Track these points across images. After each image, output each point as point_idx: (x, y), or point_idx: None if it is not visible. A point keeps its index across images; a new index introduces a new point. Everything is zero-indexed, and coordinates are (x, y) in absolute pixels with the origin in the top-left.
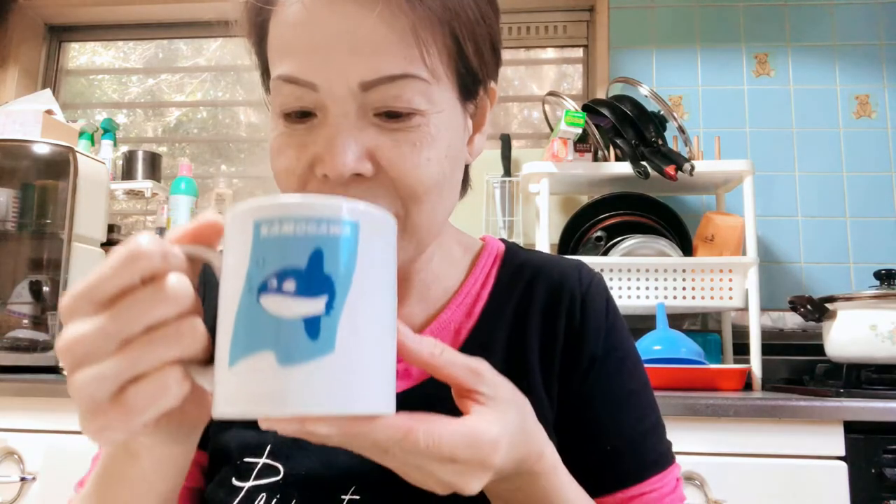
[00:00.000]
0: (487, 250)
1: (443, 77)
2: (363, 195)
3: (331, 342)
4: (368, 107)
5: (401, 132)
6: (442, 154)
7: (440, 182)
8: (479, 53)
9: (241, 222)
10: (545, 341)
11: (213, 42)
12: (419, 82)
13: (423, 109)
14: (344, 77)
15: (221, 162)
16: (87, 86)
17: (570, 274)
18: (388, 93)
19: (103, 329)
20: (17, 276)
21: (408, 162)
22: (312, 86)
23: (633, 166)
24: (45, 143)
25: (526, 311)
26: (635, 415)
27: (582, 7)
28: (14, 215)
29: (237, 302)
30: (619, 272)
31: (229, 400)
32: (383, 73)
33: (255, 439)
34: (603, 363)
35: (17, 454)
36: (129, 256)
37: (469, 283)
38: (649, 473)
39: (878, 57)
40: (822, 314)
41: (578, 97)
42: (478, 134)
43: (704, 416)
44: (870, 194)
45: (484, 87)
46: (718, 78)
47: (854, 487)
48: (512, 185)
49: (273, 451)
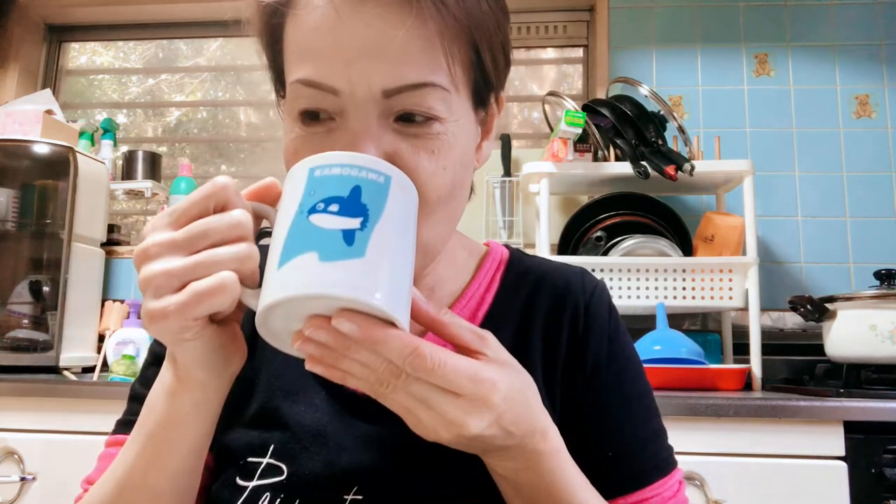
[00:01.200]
0: (492, 255)
1: (461, 86)
2: None
3: (362, 249)
4: (389, 112)
5: (419, 139)
6: (457, 162)
7: (453, 192)
8: (495, 62)
9: (299, 170)
10: (548, 349)
11: (213, 42)
12: (440, 91)
13: (442, 117)
14: (367, 83)
15: (221, 162)
16: (87, 86)
17: (573, 282)
18: (409, 99)
19: (176, 239)
20: (17, 276)
21: (425, 169)
22: (334, 90)
23: (633, 166)
24: (45, 143)
25: (529, 317)
26: (637, 420)
27: (582, 7)
28: (14, 215)
29: (290, 221)
30: (619, 272)
31: (275, 289)
32: (407, 82)
33: (258, 439)
34: (605, 371)
35: (17, 454)
36: (206, 190)
37: (473, 287)
38: (650, 479)
39: (878, 57)
40: (822, 314)
41: (578, 97)
42: (486, 141)
43: (704, 416)
44: (870, 194)
45: (496, 94)
46: (718, 78)
47: (854, 487)
48: (512, 185)
49: (277, 452)
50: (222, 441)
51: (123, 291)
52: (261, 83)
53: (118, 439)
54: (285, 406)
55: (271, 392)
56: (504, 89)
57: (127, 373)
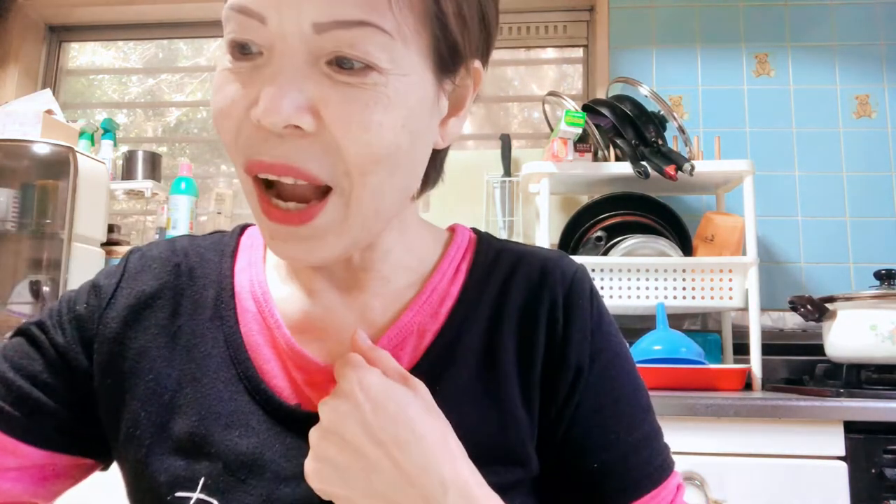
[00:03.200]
0: (456, 242)
1: (411, 37)
2: (298, 152)
3: None
4: (320, 54)
5: (353, 88)
6: (398, 122)
7: (393, 154)
8: (461, 19)
9: None
10: (523, 348)
11: (213, 42)
12: (380, 34)
13: (381, 67)
14: (296, 14)
15: (221, 162)
16: (87, 86)
17: (549, 269)
18: (342, 39)
19: None
20: (17, 276)
21: (355, 122)
22: (262, 18)
23: (633, 166)
24: (45, 143)
25: (501, 313)
26: (626, 424)
27: (582, 7)
28: (14, 215)
29: None
30: (619, 272)
31: None
32: (339, 17)
33: (186, 471)
34: (590, 370)
35: None
36: None
37: (435, 279)
38: (643, 491)
39: (878, 57)
40: (822, 314)
41: (578, 97)
42: (454, 118)
43: (704, 416)
44: (870, 194)
45: (466, 64)
46: (718, 78)
47: (854, 487)
48: (512, 185)
49: (207, 486)
50: (146, 465)
51: None
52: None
53: None
54: (216, 431)
55: (200, 414)
56: (484, 63)
57: None
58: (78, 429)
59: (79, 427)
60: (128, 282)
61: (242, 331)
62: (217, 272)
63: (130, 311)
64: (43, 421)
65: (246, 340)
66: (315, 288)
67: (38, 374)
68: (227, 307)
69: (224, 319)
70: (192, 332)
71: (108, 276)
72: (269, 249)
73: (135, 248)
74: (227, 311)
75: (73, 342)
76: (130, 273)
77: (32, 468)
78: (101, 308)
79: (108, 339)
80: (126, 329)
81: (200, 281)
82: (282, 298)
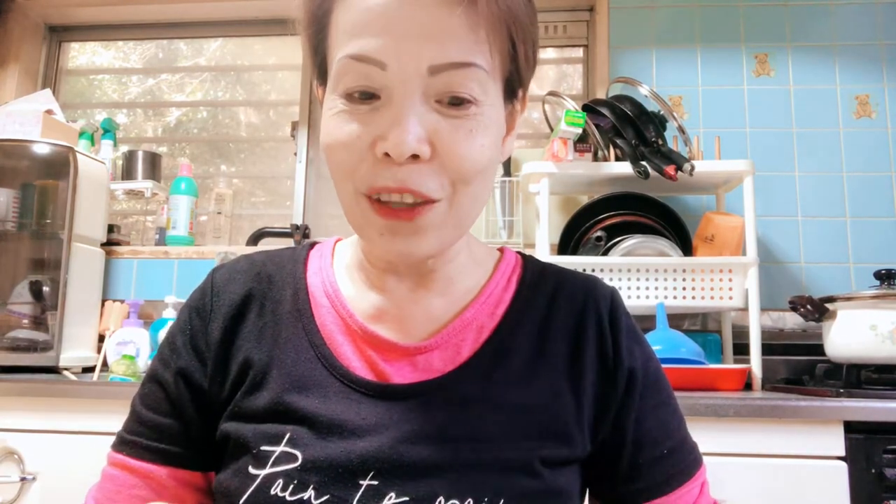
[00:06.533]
0: (506, 259)
1: (497, 73)
2: (415, 176)
3: None
4: (431, 92)
5: (458, 119)
6: (491, 142)
7: (487, 168)
8: (526, 56)
9: None
10: (574, 354)
11: (213, 42)
12: (481, 72)
13: (479, 99)
14: (415, 60)
15: (221, 162)
16: (87, 86)
17: (590, 289)
18: (452, 78)
19: None
20: (17, 276)
21: (462, 147)
22: (382, 65)
23: (633, 166)
24: (45, 143)
25: (549, 317)
26: (676, 421)
27: (582, 7)
28: (14, 215)
29: None
30: (619, 272)
31: None
32: (452, 59)
33: (273, 430)
34: (644, 374)
35: (17, 454)
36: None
37: (491, 286)
38: (688, 476)
39: (878, 57)
40: (822, 314)
41: (578, 97)
42: (509, 136)
43: (704, 416)
44: (870, 194)
45: (523, 90)
46: (718, 78)
47: (854, 487)
48: (512, 185)
49: (292, 440)
50: (230, 431)
51: (123, 291)
52: (261, 83)
53: (123, 461)
54: (300, 399)
55: (283, 387)
56: (528, 90)
57: (127, 373)
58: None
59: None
60: (219, 296)
61: (318, 322)
62: (292, 276)
63: (227, 319)
64: (205, 449)
65: (321, 328)
66: (385, 287)
67: (176, 410)
68: (303, 302)
69: (301, 312)
70: (275, 323)
71: (201, 296)
72: (377, 247)
73: (218, 266)
74: (303, 305)
75: (191, 361)
76: (219, 287)
77: (209, 492)
78: (206, 325)
79: (215, 344)
80: (226, 333)
81: (279, 284)
82: (351, 297)
